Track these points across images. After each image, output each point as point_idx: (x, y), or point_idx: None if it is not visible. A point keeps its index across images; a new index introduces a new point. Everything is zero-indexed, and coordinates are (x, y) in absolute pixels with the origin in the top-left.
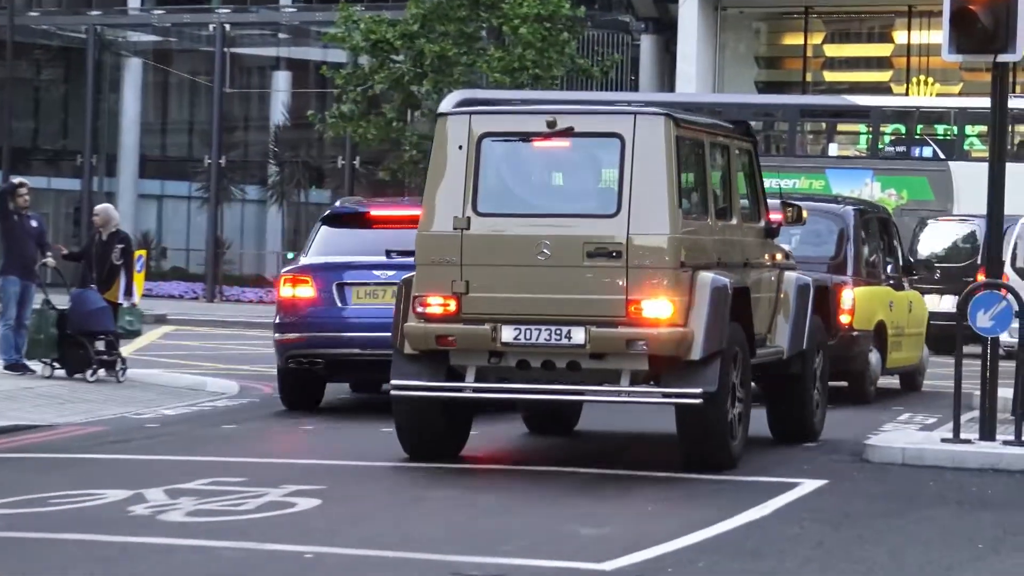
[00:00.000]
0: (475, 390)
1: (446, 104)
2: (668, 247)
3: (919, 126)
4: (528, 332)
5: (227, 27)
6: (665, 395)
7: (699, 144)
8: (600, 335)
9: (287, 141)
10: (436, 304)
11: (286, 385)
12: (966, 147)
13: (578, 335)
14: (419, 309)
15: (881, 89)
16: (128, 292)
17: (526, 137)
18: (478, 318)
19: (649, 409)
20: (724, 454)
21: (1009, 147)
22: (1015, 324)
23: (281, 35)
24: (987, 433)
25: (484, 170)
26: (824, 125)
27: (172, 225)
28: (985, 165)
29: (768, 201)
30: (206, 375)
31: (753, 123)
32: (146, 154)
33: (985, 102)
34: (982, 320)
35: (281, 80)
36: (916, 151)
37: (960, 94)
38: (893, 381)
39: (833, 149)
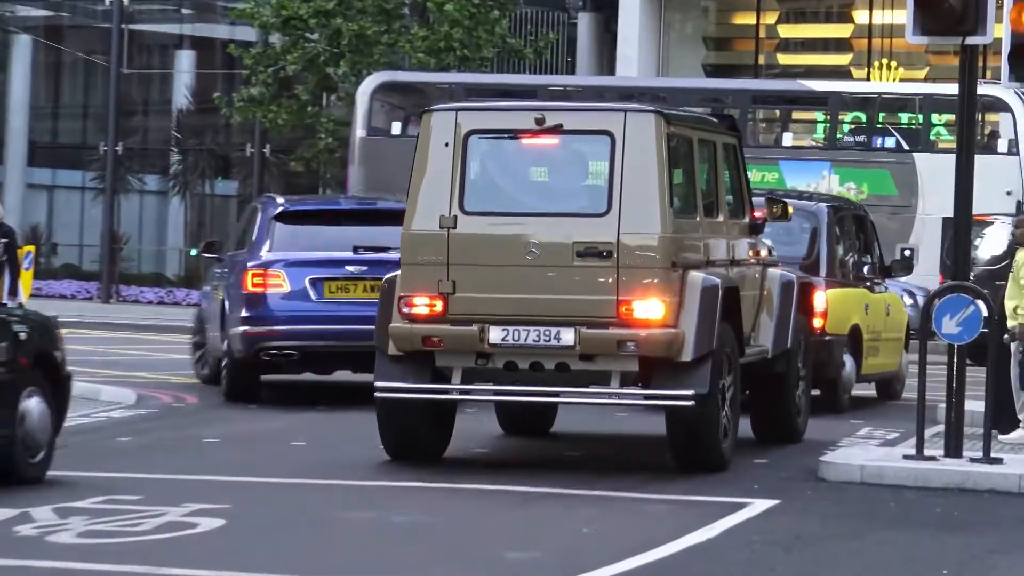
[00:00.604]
0: (462, 392)
1: (365, 88)
2: (660, 247)
3: (881, 114)
4: (516, 333)
5: (125, 1)
6: (656, 397)
7: (688, 141)
8: (590, 336)
9: (191, 127)
10: (422, 304)
11: (238, 378)
12: (932, 137)
13: (567, 336)
14: (404, 310)
15: (840, 73)
16: (13, 292)
17: (514, 134)
18: (465, 319)
19: (634, 410)
20: (716, 456)
21: (978, 137)
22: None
23: (184, 10)
24: (953, 449)
25: (471, 168)
26: (778, 113)
27: (64, 218)
28: (952, 157)
29: (752, 197)
30: (100, 383)
31: (700, 110)
32: (35, 140)
33: (953, 88)
34: (948, 326)
35: (184, 60)
36: (878, 141)
37: (926, 79)
38: (870, 389)
39: (787, 139)
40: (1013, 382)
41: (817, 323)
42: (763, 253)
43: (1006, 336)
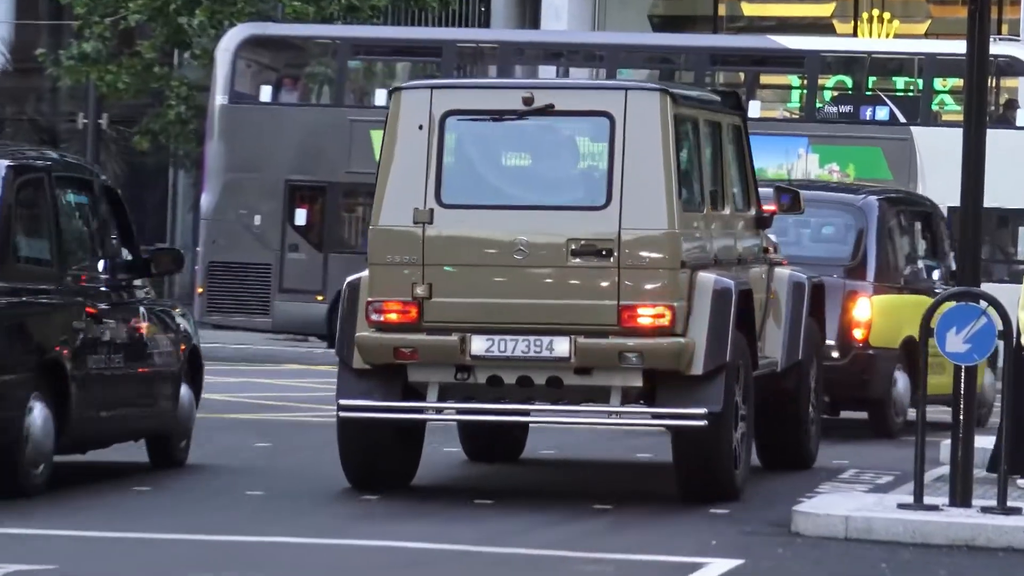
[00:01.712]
0: (439, 411)
1: (227, 43)
2: (667, 244)
3: (871, 78)
4: (503, 343)
5: None
6: (663, 416)
7: (694, 122)
8: (587, 346)
9: (8, 91)
10: (393, 311)
11: None
12: (934, 107)
13: (561, 346)
14: (373, 316)
15: (820, 28)
16: None
17: (498, 116)
18: (443, 327)
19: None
20: (728, 484)
21: (991, 108)
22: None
23: None
24: (960, 497)
25: (449, 154)
26: (743, 76)
27: None
28: (959, 132)
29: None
30: None
31: (647, 72)
32: None
33: (960, 47)
34: (953, 342)
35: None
36: (867, 112)
37: (927, 35)
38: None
39: (755, 109)
40: None
41: (859, 334)
42: (770, 251)
43: None
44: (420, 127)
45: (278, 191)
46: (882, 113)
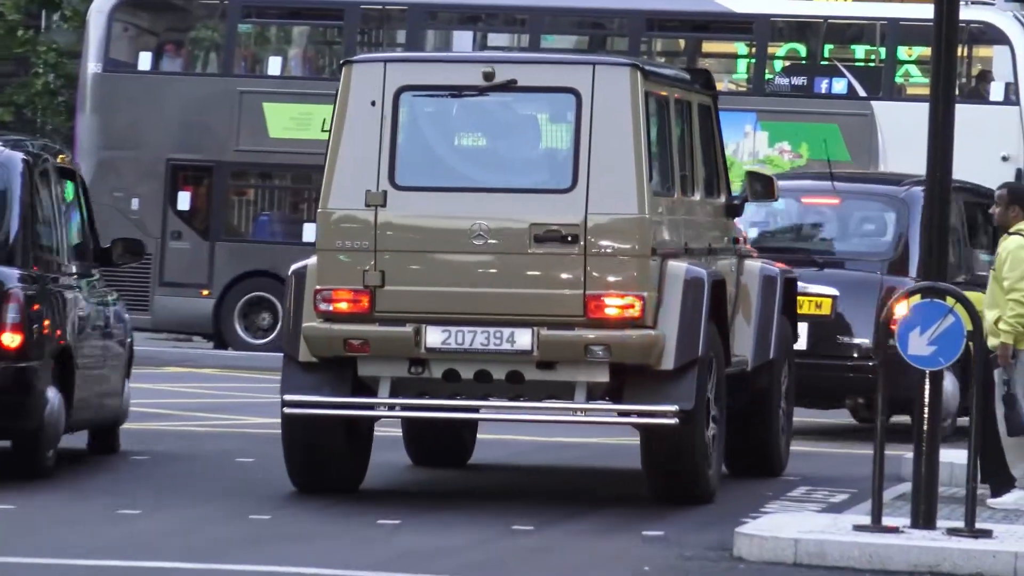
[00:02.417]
0: (391, 407)
1: (101, 3)
2: (637, 230)
3: (827, 46)
4: (460, 335)
5: None
6: (631, 413)
7: (664, 101)
8: (551, 339)
9: None
10: (343, 300)
11: None
12: (898, 79)
13: (523, 339)
14: (322, 306)
15: None
16: None
17: (456, 92)
18: (397, 317)
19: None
20: (700, 486)
21: (963, 80)
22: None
23: None
24: (923, 518)
25: (403, 133)
26: (682, 43)
27: None
28: (925, 107)
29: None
30: None
31: (576, 38)
32: None
33: (928, 11)
34: (917, 344)
35: None
36: (822, 85)
37: None
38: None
39: None
40: (1000, 425)
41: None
42: (739, 241)
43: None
44: (373, 103)
45: (158, 171)
46: (839, 86)
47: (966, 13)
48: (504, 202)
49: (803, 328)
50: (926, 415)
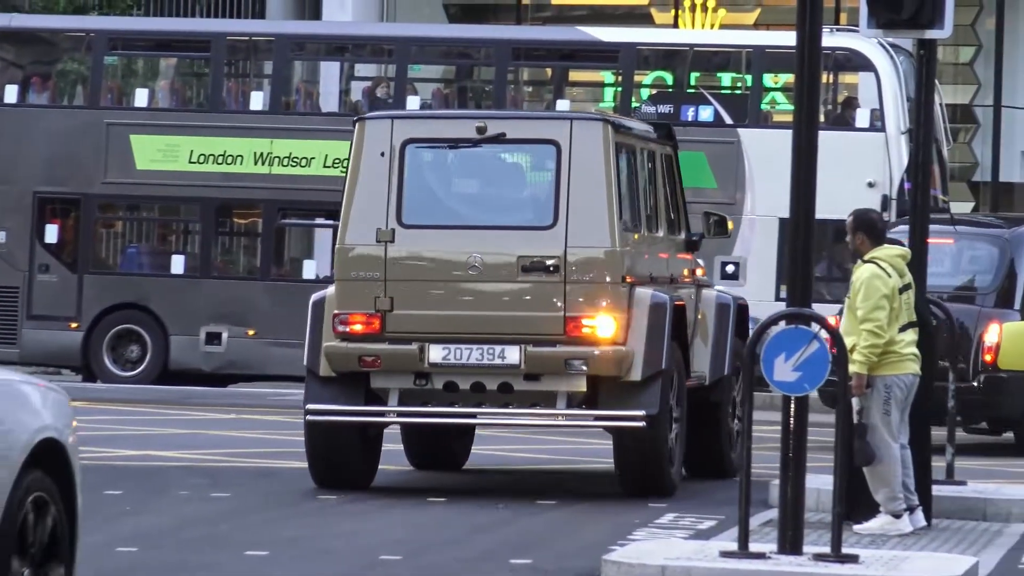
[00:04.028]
0: (399, 414)
1: None
2: (609, 261)
3: (693, 74)
4: (458, 352)
5: None
6: (605, 418)
7: (632, 150)
8: (536, 354)
9: None
10: (358, 322)
11: None
12: (764, 107)
13: (512, 355)
14: (339, 328)
15: (637, 17)
16: None
17: (454, 144)
18: (404, 337)
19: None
20: (664, 481)
21: (828, 107)
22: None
23: None
24: (790, 543)
25: (409, 179)
26: (550, 72)
27: None
28: (791, 133)
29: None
30: None
31: (444, 67)
32: None
33: (792, 39)
34: (782, 370)
35: None
36: (689, 112)
37: (756, 26)
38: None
39: (563, 108)
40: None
41: (988, 357)
42: (698, 272)
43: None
44: (382, 154)
45: (25, 204)
46: (706, 113)
47: (831, 40)
48: (495, 238)
49: None
50: (792, 441)
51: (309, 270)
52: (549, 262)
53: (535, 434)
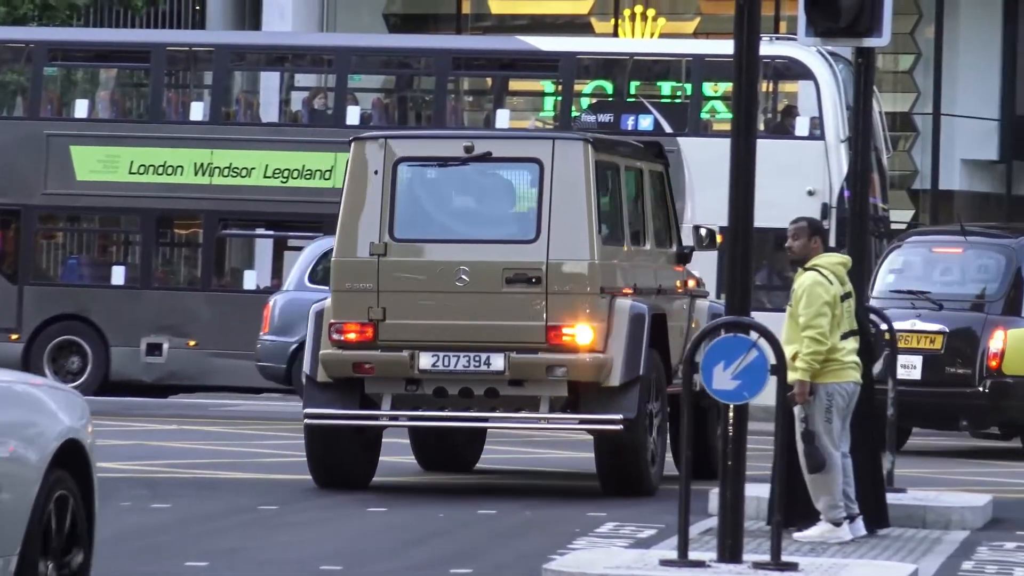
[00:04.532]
0: (391, 418)
1: None
2: (588, 273)
3: (634, 83)
4: (446, 359)
5: None
6: (585, 421)
7: (615, 168)
8: (520, 361)
9: None
10: (353, 331)
11: None
12: (704, 115)
13: (497, 361)
14: (335, 336)
15: (577, 27)
16: None
17: (443, 162)
18: (395, 345)
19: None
20: (643, 481)
21: (768, 115)
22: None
23: None
24: (729, 552)
25: (401, 195)
26: (489, 81)
27: None
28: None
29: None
30: None
31: (385, 77)
32: None
33: (731, 47)
34: (721, 378)
35: None
36: (629, 121)
37: (696, 35)
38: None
39: (503, 118)
40: (801, 461)
41: (993, 363)
42: (691, 283)
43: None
44: (376, 172)
45: None
46: (646, 122)
47: (770, 49)
48: (481, 250)
49: (918, 360)
50: (731, 449)
51: (250, 280)
52: (531, 274)
53: (515, 440)
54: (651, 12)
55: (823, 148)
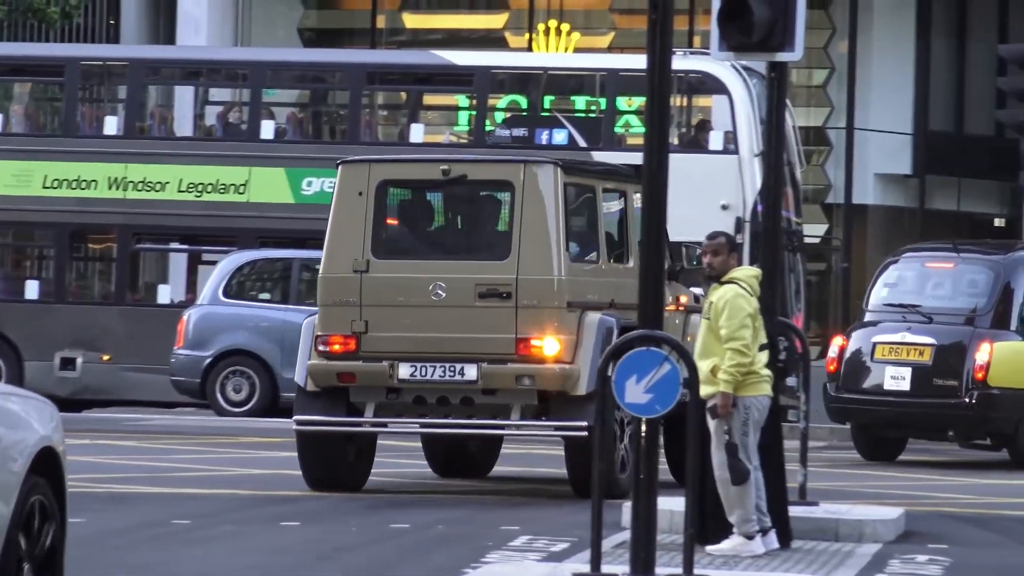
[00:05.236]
0: (373, 424)
1: None
2: (555, 288)
3: (548, 97)
4: (424, 369)
5: None
6: (554, 428)
7: (590, 189)
8: (491, 371)
9: None
10: (337, 343)
11: None
12: (619, 130)
13: (471, 372)
14: (321, 348)
15: (491, 41)
16: None
17: (422, 185)
18: (376, 356)
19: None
20: (613, 486)
21: (682, 129)
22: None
23: None
24: (642, 565)
25: (382, 216)
26: (404, 96)
27: None
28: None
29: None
30: None
31: (299, 91)
32: None
33: (644, 62)
34: (633, 392)
35: None
36: (543, 136)
37: (611, 49)
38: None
39: (417, 132)
40: (717, 472)
41: (979, 375)
42: (684, 299)
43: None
44: (360, 193)
45: None
46: (560, 136)
47: (684, 63)
48: (456, 267)
49: (907, 372)
50: (643, 462)
51: (164, 295)
52: (502, 289)
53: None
54: (565, 27)
55: (737, 162)
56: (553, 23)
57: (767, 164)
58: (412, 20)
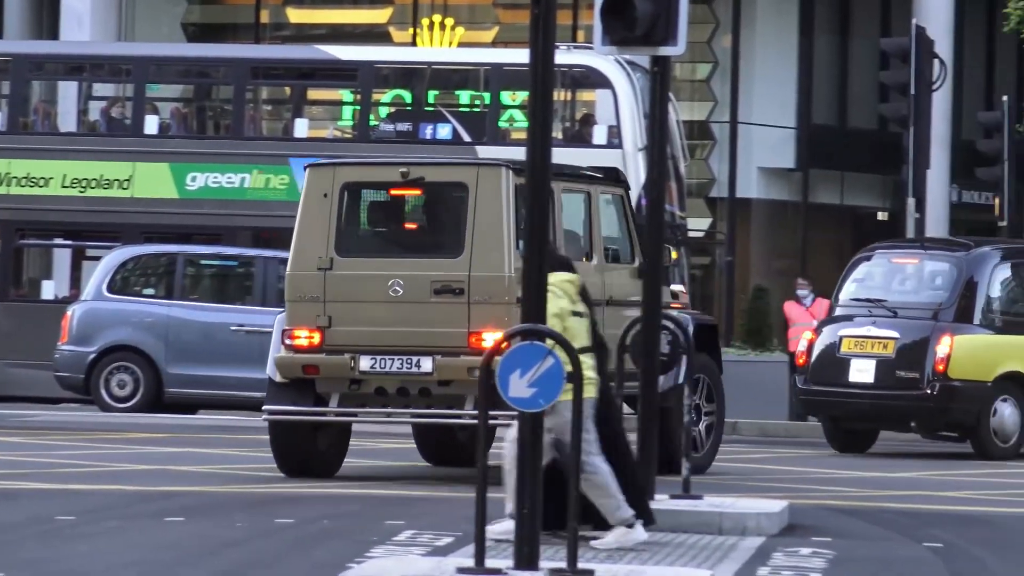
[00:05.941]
0: (337, 414)
1: None
2: (505, 285)
3: (432, 92)
4: (383, 361)
5: None
6: (504, 417)
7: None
8: (445, 364)
9: None
10: (303, 337)
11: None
12: (503, 124)
13: (426, 364)
14: (287, 342)
15: (375, 36)
16: None
17: (383, 186)
18: (339, 349)
19: None
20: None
21: (566, 124)
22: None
23: None
24: (526, 559)
25: (346, 216)
26: (288, 91)
27: None
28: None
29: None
30: None
31: (183, 86)
32: None
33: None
34: (517, 386)
35: None
36: (427, 131)
37: (495, 44)
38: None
39: (302, 128)
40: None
41: (940, 367)
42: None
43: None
44: (325, 195)
45: None
46: (444, 131)
47: (567, 58)
48: (414, 264)
49: (871, 364)
50: (526, 454)
51: (48, 290)
52: (456, 285)
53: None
54: (449, 21)
55: (620, 156)
56: (437, 18)
57: (651, 158)
58: (296, 15)
